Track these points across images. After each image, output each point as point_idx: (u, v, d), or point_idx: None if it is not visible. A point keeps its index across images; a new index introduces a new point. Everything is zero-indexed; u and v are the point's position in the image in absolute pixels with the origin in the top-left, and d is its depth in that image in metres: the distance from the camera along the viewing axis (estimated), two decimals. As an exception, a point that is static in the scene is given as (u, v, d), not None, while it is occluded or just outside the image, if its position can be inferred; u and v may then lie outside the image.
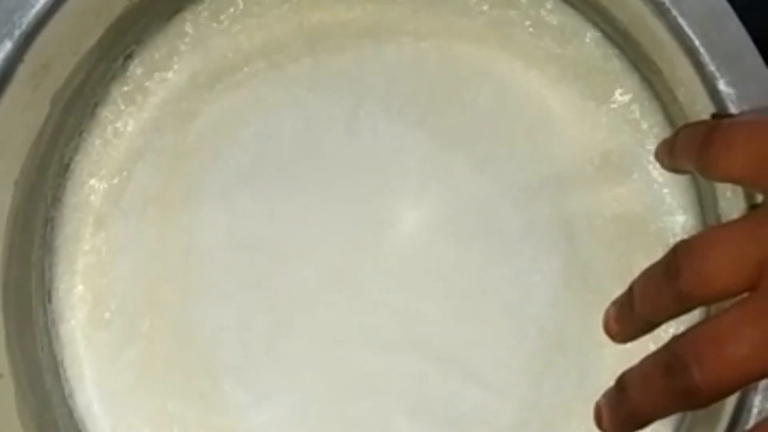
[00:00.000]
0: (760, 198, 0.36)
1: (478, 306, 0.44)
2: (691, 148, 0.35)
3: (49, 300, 0.45)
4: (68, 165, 0.45)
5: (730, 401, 0.36)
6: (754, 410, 0.35)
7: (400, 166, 0.44)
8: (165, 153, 0.45)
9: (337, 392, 0.44)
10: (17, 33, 0.38)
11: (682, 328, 0.32)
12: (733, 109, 0.36)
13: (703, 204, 0.43)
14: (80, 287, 0.45)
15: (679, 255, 0.32)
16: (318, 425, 0.44)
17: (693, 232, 0.44)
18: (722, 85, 0.36)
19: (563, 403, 0.43)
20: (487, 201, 0.44)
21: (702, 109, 0.38)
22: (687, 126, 0.37)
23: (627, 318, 0.35)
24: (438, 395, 0.44)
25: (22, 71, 0.38)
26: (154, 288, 0.45)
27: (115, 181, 0.45)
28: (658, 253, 0.42)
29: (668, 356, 0.31)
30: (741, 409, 0.36)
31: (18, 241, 0.42)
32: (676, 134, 0.37)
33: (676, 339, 0.31)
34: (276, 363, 0.44)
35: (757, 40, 0.36)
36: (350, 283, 0.44)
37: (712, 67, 0.36)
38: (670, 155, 0.37)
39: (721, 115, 0.37)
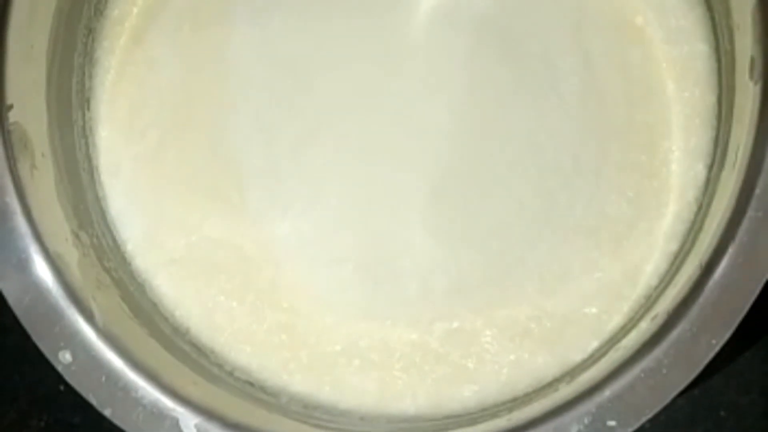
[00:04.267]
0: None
1: (498, 125, 0.45)
2: None
3: (88, 108, 0.47)
4: (111, -20, 0.47)
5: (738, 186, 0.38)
6: (757, 191, 0.37)
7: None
8: (202, -25, 0.47)
9: (357, 205, 0.46)
10: None
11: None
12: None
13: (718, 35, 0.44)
14: (117, 97, 0.47)
15: None
16: (339, 236, 0.46)
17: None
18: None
19: (575, 219, 0.45)
20: (509, 33, 0.45)
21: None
22: None
23: None
24: (455, 211, 0.45)
25: None
26: (187, 101, 0.47)
27: (155, -1, 0.47)
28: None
29: None
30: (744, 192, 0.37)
31: (61, 40, 0.44)
32: None
33: None
34: (300, 176, 0.46)
35: None
36: (373, 99, 0.46)
37: None
38: None
39: None
